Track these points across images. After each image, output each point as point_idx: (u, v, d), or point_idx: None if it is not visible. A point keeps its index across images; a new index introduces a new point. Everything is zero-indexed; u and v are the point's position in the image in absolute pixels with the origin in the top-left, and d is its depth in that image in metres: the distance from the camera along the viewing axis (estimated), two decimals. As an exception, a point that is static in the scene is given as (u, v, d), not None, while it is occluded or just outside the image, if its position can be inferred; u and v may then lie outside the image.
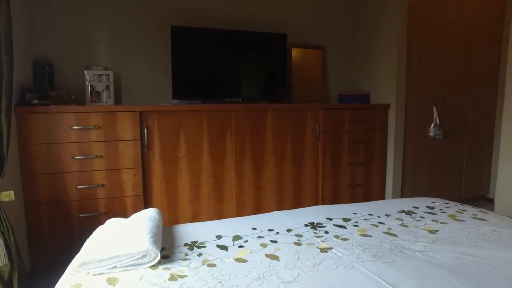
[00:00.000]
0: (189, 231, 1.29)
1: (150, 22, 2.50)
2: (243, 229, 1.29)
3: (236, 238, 1.21)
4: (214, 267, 1.00)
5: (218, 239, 1.21)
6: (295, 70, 2.88)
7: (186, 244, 1.16)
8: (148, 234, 1.07)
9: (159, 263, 1.01)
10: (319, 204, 2.53)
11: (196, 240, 1.20)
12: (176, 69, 2.37)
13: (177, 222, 2.14)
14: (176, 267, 1.00)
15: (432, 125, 2.93)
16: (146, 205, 2.12)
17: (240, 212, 2.35)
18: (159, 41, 2.51)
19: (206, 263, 1.02)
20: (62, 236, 1.95)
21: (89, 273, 0.95)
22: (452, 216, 1.42)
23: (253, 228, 1.30)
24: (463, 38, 3.02)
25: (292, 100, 2.84)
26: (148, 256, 0.99)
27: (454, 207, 1.55)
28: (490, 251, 1.08)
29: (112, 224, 1.23)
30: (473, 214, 1.44)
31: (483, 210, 1.52)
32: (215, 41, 2.50)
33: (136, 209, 1.96)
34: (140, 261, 0.99)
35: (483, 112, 3.21)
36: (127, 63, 2.47)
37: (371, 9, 2.97)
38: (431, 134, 2.93)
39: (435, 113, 2.93)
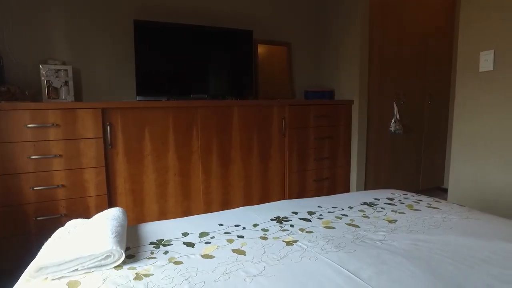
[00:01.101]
0: (155, 229, 1.27)
1: (112, 16, 2.41)
2: (210, 226, 1.29)
3: (203, 234, 1.21)
4: (181, 264, 0.99)
5: (185, 236, 1.20)
6: (261, 66, 2.90)
7: (152, 243, 1.15)
8: (112, 234, 1.04)
9: (123, 263, 0.98)
10: (286, 199, 2.58)
11: (162, 238, 1.18)
12: (140, 65, 2.31)
13: (144, 221, 2.10)
14: (141, 266, 0.98)
15: (393, 121, 3.07)
16: (111, 205, 2.06)
17: (208, 209, 2.34)
18: (122, 36, 2.43)
19: (173, 261, 1.02)
20: (19, 241, 1.85)
21: (47, 278, 0.91)
22: (410, 206, 1.50)
23: (219, 224, 1.30)
24: (419, 38, 3.19)
25: (259, 97, 2.86)
26: (112, 256, 0.97)
27: (411, 198, 1.64)
28: (441, 236, 1.16)
29: (73, 226, 1.18)
30: (428, 204, 1.53)
31: (437, 199, 1.62)
32: (180, 37, 2.46)
33: (100, 210, 1.89)
34: (103, 262, 0.96)
35: (438, 108, 3.40)
36: (87, 58, 2.37)
37: (335, 8, 3.05)
38: (392, 129, 3.06)
39: (395, 109, 3.07)
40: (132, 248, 1.10)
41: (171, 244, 1.13)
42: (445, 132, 3.49)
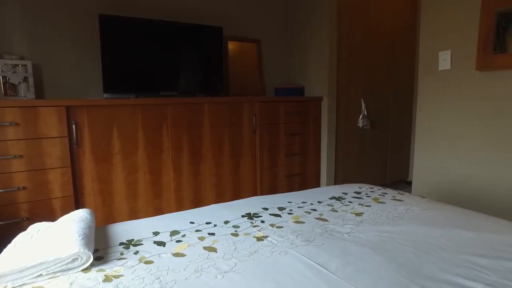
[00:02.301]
0: (124, 229, 1.25)
1: (76, 9, 2.32)
2: (181, 224, 1.29)
3: (174, 233, 1.21)
4: (152, 264, 0.99)
5: (156, 235, 1.19)
6: (231, 63, 2.90)
7: (121, 243, 1.13)
8: (79, 236, 1.01)
9: (92, 265, 0.96)
10: (258, 195, 2.60)
11: (132, 238, 1.17)
12: (107, 61, 2.24)
13: (113, 221, 2.05)
14: (111, 268, 0.96)
15: (361, 116, 3.17)
16: (78, 206, 1.99)
17: (179, 207, 2.33)
18: (87, 30, 2.35)
19: (143, 261, 1.01)
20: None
21: (6, 286, 0.87)
22: (376, 199, 1.56)
23: (191, 222, 1.30)
24: (385, 37, 3.30)
25: (229, 93, 2.86)
26: (80, 259, 0.95)
27: (377, 191, 1.70)
28: (403, 227, 1.22)
29: (37, 230, 1.14)
30: (392, 196, 1.60)
31: (401, 192, 1.70)
32: (149, 33, 2.41)
33: (66, 211, 1.83)
34: (70, 265, 0.93)
35: (403, 104, 3.55)
36: (49, 53, 2.27)
37: (304, 6, 3.10)
38: (360, 124, 3.17)
39: (363, 105, 3.17)
40: (100, 250, 1.08)
41: (142, 244, 1.12)
42: (409, 128, 3.65)
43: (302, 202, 1.52)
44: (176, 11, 2.66)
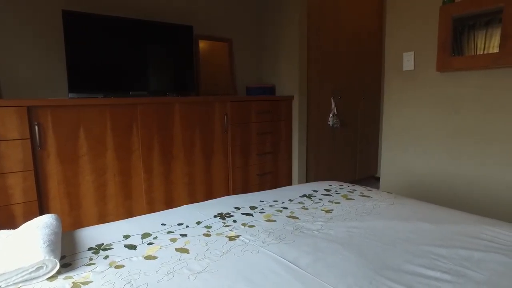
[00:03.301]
0: (93, 234, 1.22)
1: (38, 4, 2.21)
2: (152, 226, 1.27)
3: (145, 235, 1.19)
4: (122, 268, 0.97)
5: (126, 238, 1.17)
6: (202, 62, 2.88)
7: (90, 248, 1.10)
8: (44, 243, 0.98)
9: (58, 273, 0.93)
10: (230, 194, 2.61)
11: (101, 242, 1.14)
12: (72, 60, 2.17)
13: (81, 226, 1.98)
14: (79, 274, 0.94)
15: (331, 115, 3.25)
16: (42, 211, 1.91)
17: (151, 208, 2.29)
18: (50, 27, 2.25)
19: (113, 265, 0.99)
20: None
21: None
22: (345, 196, 1.61)
23: (162, 224, 1.29)
24: (354, 38, 3.40)
25: (200, 93, 2.84)
26: (45, 267, 0.91)
27: (346, 188, 1.76)
28: (370, 222, 1.27)
29: (-3, 237, 1.09)
30: (361, 193, 1.66)
31: (369, 188, 1.77)
32: (117, 31, 2.35)
33: (29, 218, 1.75)
34: (34, 274, 0.90)
35: (371, 103, 3.67)
36: (7, 51, 2.16)
37: (275, 6, 3.13)
38: (330, 123, 3.24)
39: (333, 104, 3.25)
40: (68, 256, 1.04)
41: (112, 248, 1.10)
42: (377, 125, 3.78)
43: (274, 201, 1.54)
44: (147, 10, 2.60)
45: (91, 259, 1.03)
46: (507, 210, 1.90)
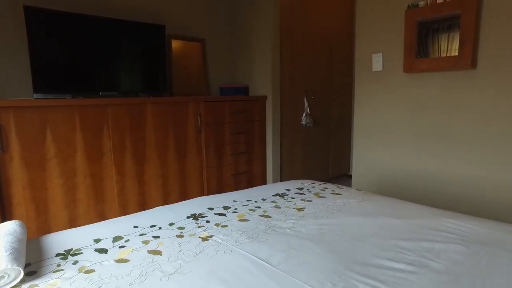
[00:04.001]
0: (62, 239, 1.19)
1: (-3, 1, 2.12)
2: (124, 229, 1.25)
3: (117, 239, 1.17)
4: (92, 273, 0.96)
5: (97, 242, 1.15)
6: (175, 62, 2.85)
7: (58, 254, 1.07)
8: (6, 252, 0.94)
9: (22, 281, 0.90)
10: (205, 195, 2.60)
11: (70, 248, 1.11)
12: (37, 58, 2.08)
13: (49, 231, 1.92)
14: (46, 281, 0.91)
15: (304, 115, 3.30)
16: (5, 218, 1.83)
17: (124, 211, 2.25)
18: (11, 23, 2.15)
19: (83, 270, 0.97)
20: None
21: None
22: (317, 194, 1.65)
23: (134, 226, 1.27)
24: (326, 39, 3.47)
25: (173, 93, 2.81)
26: (7, 276, 0.88)
27: (318, 186, 1.80)
28: (340, 219, 1.31)
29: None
30: (332, 191, 1.71)
31: (340, 186, 1.82)
32: (86, 29, 2.28)
33: (-7, 223, 1.68)
34: (-4, 284, 0.87)
35: (343, 103, 3.76)
36: (-33, 50, 2.05)
37: (247, 7, 3.14)
38: (303, 122, 3.30)
39: (306, 104, 3.30)
40: (33, 264, 1.01)
41: (81, 253, 1.08)
42: (349, 124, 3.88)
43: (247, 200, 1.56)
44: (119, 9, 2.54)
45: (59, 265, 1.00)
46: (466, 203, 2.01)
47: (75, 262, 1.02)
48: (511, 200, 1.85)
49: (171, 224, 1.28)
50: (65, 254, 1.07)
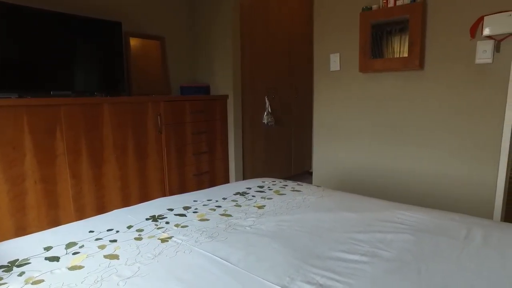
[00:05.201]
0: (6, 249, 1.11)
1: None
2: (79, 234, 1.20)
3: (70, 245, 1.12)
4: (42, 283, 0.91)
5: (47, 250, 1.09)
6: (133, 61, 2.77)
7: (1, 267, 1.00)
8: None
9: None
10: (167, 196, 2.55)
11: (16, 258, 1.04)
12: (-22, 56, 1.93)
13: (-5, 240, 1.79)
14: (-15, 297, 0.85)
15: (265, 113, 3.34)
16: None
17: (81, 216, 2.15)
18: None
19: (30, 281, 0.91)
20: None
21: None
22: (277, 192, 1.68)
23: (90, 231, 1.22)
24: (286, 39, 3.53)
25: (132, 93, 2.73)
26: None
27: (279, 184, 1.83)
28: (299, 215, 1.35)
29: None
30: (292, 188, 1.74)
31: (300, 183, 1.86)
32: (35, 23, 2.14)
33: None
34: None
35: (304, 101, 3.85)
36: None
37: (207, 5, 3.11)
38: (265, 121, 3.33)
39: (267, 103, 3.34)
40: (-27, 277, 0.94)
41: (29, 263, 1.01)
42: (310, 122, 3.98)
43: (208, 200, 1.55)
44: (74, 4, 2.42)
45: (1, 278, 0.94)
46: (416, 195, 2.15)
47: (21, 274, 0.96)
48: (456, 190, 2.00)
49: (129, 227, 1.25)
50: (9, 266, 1.00)
